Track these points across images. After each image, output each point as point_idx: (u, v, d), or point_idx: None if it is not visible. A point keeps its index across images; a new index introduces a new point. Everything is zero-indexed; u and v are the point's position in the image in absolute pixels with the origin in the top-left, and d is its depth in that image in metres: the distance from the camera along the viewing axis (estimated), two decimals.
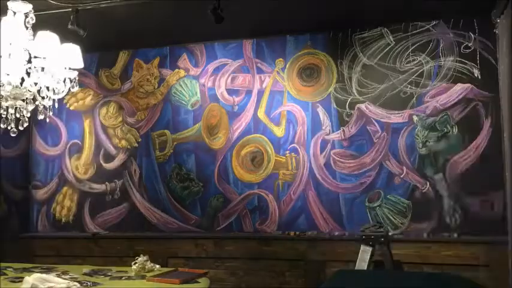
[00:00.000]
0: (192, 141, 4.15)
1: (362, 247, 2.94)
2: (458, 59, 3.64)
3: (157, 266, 2.87)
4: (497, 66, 3.46)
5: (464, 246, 3.37)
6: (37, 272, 2.49)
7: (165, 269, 2.86)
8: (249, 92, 4.06)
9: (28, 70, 2.72)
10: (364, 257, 2.90)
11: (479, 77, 3.58)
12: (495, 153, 3.43)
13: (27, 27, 2.68)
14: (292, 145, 3.92)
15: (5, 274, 2.69)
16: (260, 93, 4.03)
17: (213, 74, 4.15)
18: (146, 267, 2.78)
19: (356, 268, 2.89)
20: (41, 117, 2.81)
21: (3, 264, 2.91)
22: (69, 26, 3.37)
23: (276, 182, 3.92)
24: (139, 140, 4.27)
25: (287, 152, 3.92)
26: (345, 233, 3.69)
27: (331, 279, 2.82)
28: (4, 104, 2.70)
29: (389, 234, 3.05)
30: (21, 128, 2.78)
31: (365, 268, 2.86)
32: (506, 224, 3.24)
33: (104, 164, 4.32)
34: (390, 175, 3.68)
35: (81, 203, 4.33)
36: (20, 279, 2.44)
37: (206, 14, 3.17)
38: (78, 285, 2.37)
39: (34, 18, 2.71)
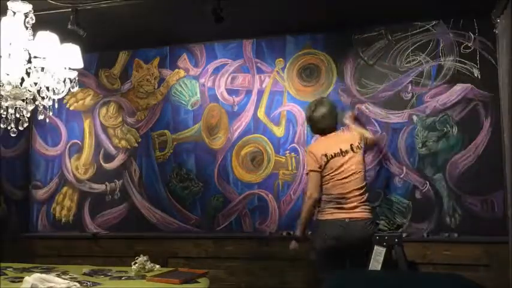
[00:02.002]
0: (192, 141, 4.15)
1: (376, 248, 2.91)
2: (458, 59, 3.63)
3: (157, 266, 2.87)
4: (497, 66, 3.46)
5: (464, 246, 3.36)
6: (37, 272, 2.49)
7: (165, 269, 2.86)
8: (248, 92, 4.06)
9: (28, 70, 2.72)
10: (377, 258, 2.87)
11: (479, 77, 3.57)
12: (495, 153, 3.43)
13: (27, 27, 2.69)
14: (292, 145, 3.92)
15: (5, 274, 2.69)
16: (260, 93, 4.04)
17: (213, 74, 4.15)
18: (146, 267, 2.79)
19: (370, 269, 2.86)
20: (41, 117, 2.81)
21: (3, 264, 2.91)
22: (69, 26, 3.37)
23: (276, 182, 3.92)
24: (139, 140, 4.27)
25: (287, 152, 3.92)
26: None
27: (331, 279, 2.82)
28: (4, 104, 2.70)
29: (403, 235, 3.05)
30: (21, 128, 2.78)
31: (378, 269, 2.83)
32: (506, 224, 3.24)
33: (104, 164, 4.32)
34: (390, 175, 3.68)
35: (81, 203, 4.33)
36: (20, 279, 2.44)
37: (206, 14, 3.17)
38: (78, 285, 2.37)
39: (34, 18, 2.71)
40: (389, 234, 2.98)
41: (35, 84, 2.74)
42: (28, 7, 2.69)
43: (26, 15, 2.69)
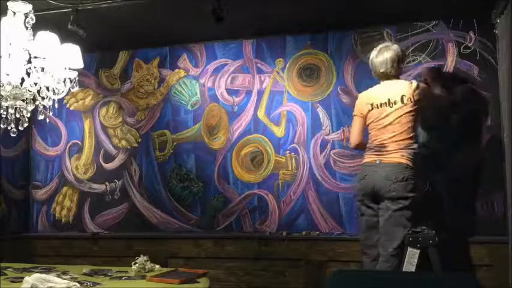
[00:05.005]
0: (192, 141, 4.15)
1: (409, 249, 2.85)
2: (458, 59, 3.64)
3: (157, 266, 2.87)
4: (497, 66, 3.46)
5: (464, 246, 3.36)
6: (37, 272, 2.49)
7: (165, 269, 2.86)
8: (248, 92, 4.06)
9: (28, 70, 2.72)
10: (411, 261, 2.82)
11: (479, 77, 3.57)
12: (495, 153, 3.43)
13: (27, 27, 2.69)
14: (292, 145, 3.92)
15: (5, 274, 2.69)
16: (260, 93, 4.03)
17: (212, 74, 4.15)
18: (146, 267, 2.78)
19: (404, 270, 2.81)
20: (41, 117, 2.82)
21: (3, 264, 2.91)
22: (69, 26, 3.37)
23: (275, 182, 3.92)
24: (139, 140, 4.27)
25: (287, 152, 3.92)
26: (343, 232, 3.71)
27: (330, 279, 2.82)
28: (4, 104, 2.71)
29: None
30: (21, 128, 2.78)
31: (413, 271, 2.78)
32: (506, 224, 3.24)
33: (104, 164, 4.32)
34: None
35: (81, 203, 4.33)
36: (20, 279, 2.44)
37: (206, 14, 3.17)
38: (78, 285, 2.36)
39: (34, 18, 2.71)
40: (423, 235, 2.87)
41: (35, 84, 2.74)
42: (28, 7, 2.69)
43: (26, 15, 2.70)
